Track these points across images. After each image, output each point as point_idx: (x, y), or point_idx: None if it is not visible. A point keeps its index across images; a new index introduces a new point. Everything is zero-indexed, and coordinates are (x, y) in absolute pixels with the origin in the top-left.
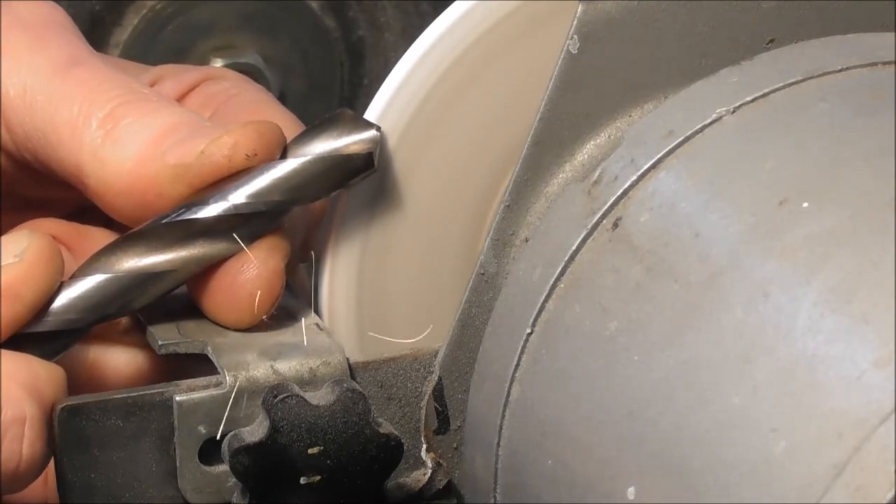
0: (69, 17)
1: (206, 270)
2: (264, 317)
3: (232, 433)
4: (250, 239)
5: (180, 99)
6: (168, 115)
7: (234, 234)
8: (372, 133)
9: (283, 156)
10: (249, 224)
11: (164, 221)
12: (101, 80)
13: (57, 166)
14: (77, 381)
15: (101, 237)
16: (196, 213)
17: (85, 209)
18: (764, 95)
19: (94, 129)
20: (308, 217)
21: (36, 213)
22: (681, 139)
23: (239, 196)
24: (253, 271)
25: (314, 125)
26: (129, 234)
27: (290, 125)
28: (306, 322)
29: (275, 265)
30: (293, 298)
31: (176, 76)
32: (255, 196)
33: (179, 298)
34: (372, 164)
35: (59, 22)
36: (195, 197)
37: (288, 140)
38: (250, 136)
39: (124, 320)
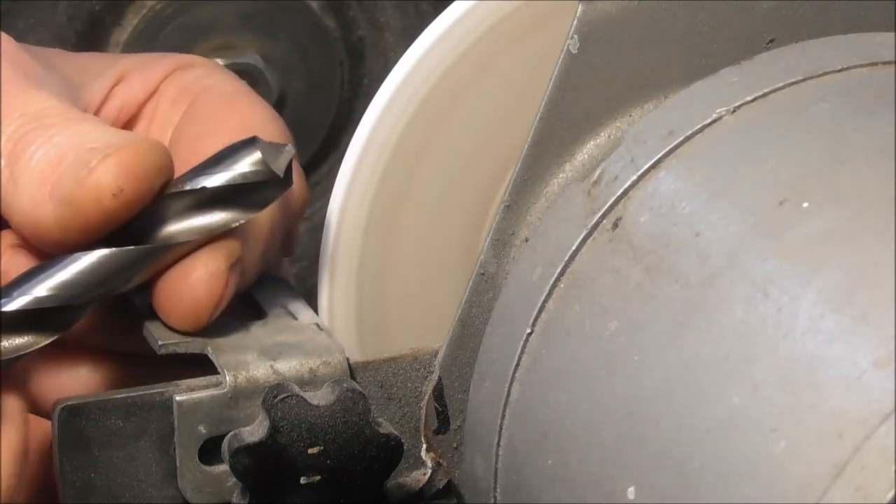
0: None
1: (155, 275)
2: (210, 318)
3: (232, 433)
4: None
5: (153, 93)
6: (58, 143)
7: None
8: (277, 152)
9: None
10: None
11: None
12: (6, 113)
13: None
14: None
15: None
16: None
17: None
18: (764, 95)
19: (3, 168)
20: (287, 213)
21: None
22: (681, 139)
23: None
24: (193, 275)
25: (220, 154)
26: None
27: (264, 117)
28: (306, 322)
29: (214, 267)
30: (293, 298)
31: (143, 70)
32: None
33: None
34: (287, 183)
35: None
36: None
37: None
38: (112, 172)
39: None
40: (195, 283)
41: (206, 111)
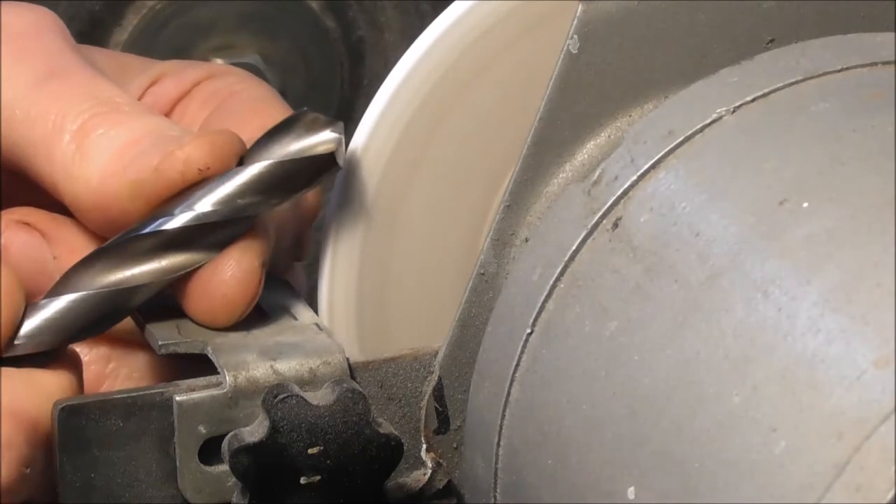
0: (57, 19)
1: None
2: (241, 316)
3: (232, 433)
4: (222, 245)
5: (183, 96)
6: (132, 127)
7: (205, 243)
8: (332, 133)
9: (242, 162)
10: (217, 232)
11: (131, 235)
12: (75, 92)
13: (38, 179)
14: None
15: (76, 228)
16: (162, 224)
17: None
18: (764, 95)
19: (67, 142)
20: (298, 215)
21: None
22: (681, 139)
23: (204, 205)
24: (227, 272)
25: (274, 127)
26: (99, 249)
27: None
28: (306, 322)
29: (248, 265)
30: (293, 298)
31: (178, 73)
32: (220, 203)
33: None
34: (335, 163)
35: (43, 29)
36: (161, 209)
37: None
38: (202, 150)
39: None
40: (229, 280)
41: (231, 113)
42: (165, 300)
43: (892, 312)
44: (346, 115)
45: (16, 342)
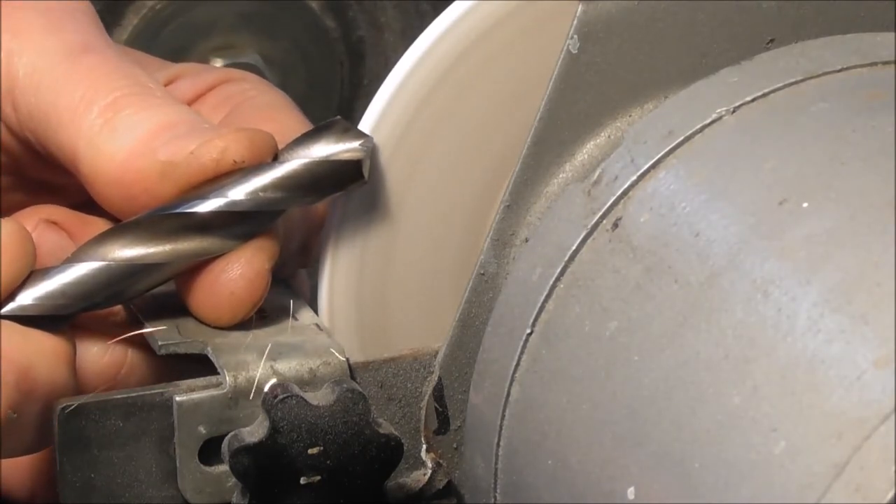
0: (92, 7)
1: (192, 267)
2: (245, 316)
3: (232, 433)
4: (243, 238)
5: (197, 98)
6: (168, 112)
7: (228, 232)
8: (361, 144)
9: (274, 160)
10: (244, 223)
11: (160, 213)
12: (110, 70)
13: (55, 150)
14: None
15: (104, 227)
16: (193, 207)
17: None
18: (764, 95)
19: (94, 116)
20: (307, 222)
21: (47, 197)
22: (681, 139)
23: (238, 193)
24: (236, 271)
25: (307, 132)
26: (125, 223)
27: (298, 128)
28: (306, 322)
29: (259, 266)
30: (293, 299)
31: (195, 76)
32: (253, 194)
33: (177, 296)
34: (361, 174)
35: (80, 9)
36: (193, 192)
37: (282, 146)
38: (241, 143)
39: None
40: (238, 279)
41: (243, 118)
42: (165, 300)
43: (892, 312)
44: (346, 115)
45: (27, 303)
